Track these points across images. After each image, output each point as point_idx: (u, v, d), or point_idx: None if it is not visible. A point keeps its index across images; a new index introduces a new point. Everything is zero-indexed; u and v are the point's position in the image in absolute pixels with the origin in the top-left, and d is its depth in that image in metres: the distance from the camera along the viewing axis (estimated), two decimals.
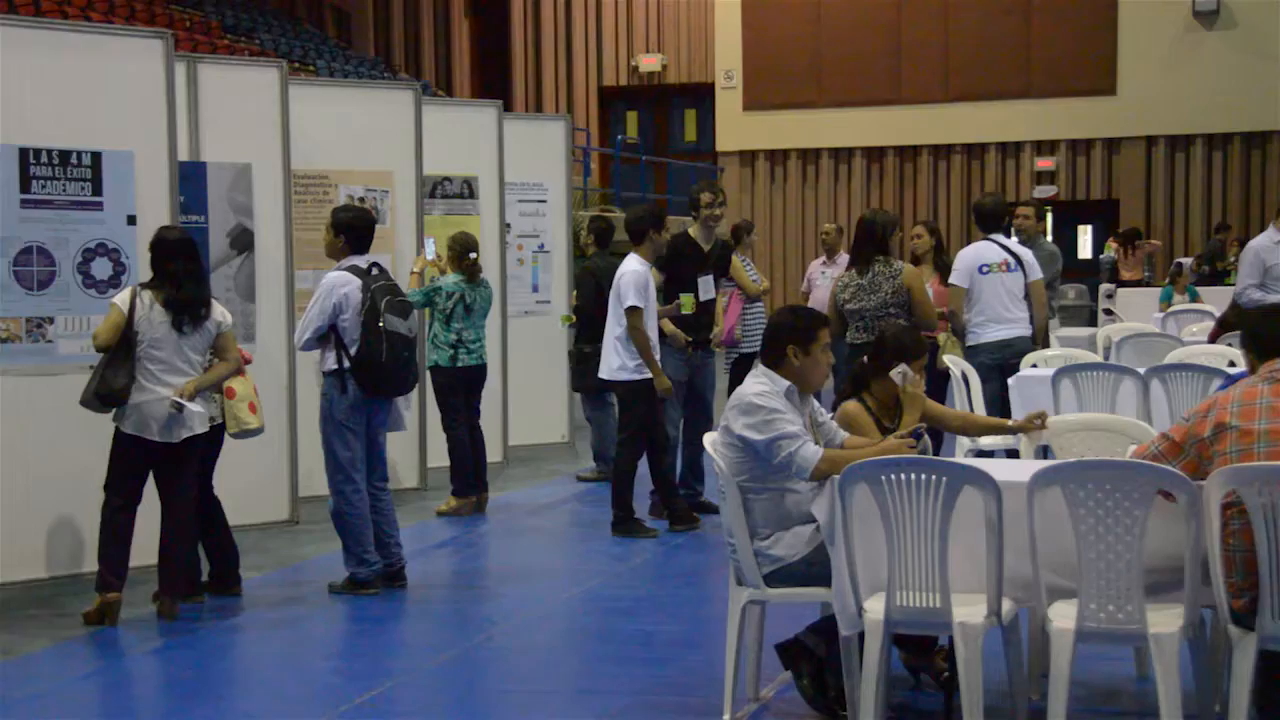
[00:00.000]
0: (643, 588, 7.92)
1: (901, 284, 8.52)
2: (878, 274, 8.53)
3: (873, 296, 8.50)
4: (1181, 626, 4.65)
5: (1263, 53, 23.51)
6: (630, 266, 8.92)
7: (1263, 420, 4.64)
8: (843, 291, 8.63)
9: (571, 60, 27.73)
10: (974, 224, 10.12)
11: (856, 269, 8.63)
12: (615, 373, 9.00)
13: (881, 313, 8.43)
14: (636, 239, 9.03)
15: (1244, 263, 10.19)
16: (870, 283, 8.53)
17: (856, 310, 8.53)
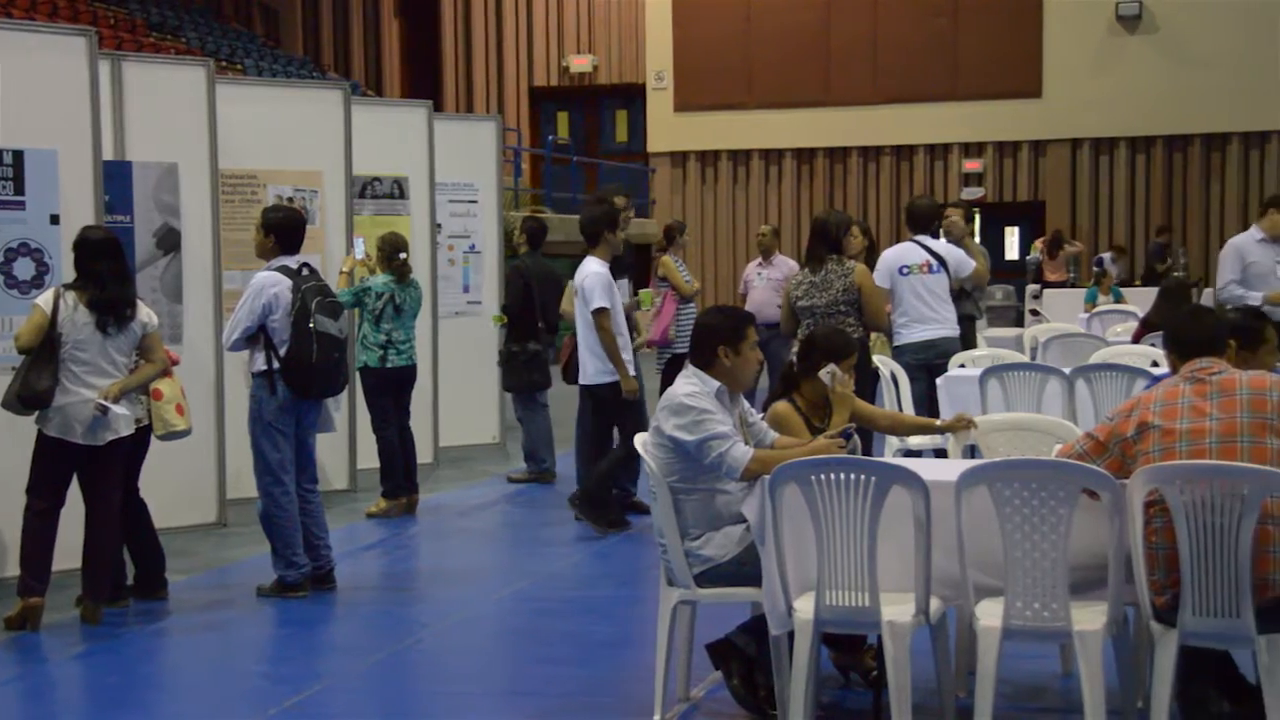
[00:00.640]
0: (573, 589, 7.92)
1: (853, 282, 8.64)
2: (830, 272, 8.65)
3: (824, 294, 8.61)
4: (1105, 624, 4.70)
5: (1183, 57, 23.86)
6: (592, 268, 8.90)
7: (1184, 420, 4.70)
8: (795, 289, 8.74)
9: (502, 60, 27.66)
10: (904, 225, 10.18)
11: (810, 267, 8.74)
12: (598, 376, 8.97)
13: (832, 310, 8.55)
14: (593, 240, 9.02)
15: (1224, 259, 10.13)
16: (822, 280, 8.65)
17: (808, 307, 8.62)
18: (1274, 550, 4.46)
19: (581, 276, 8.90)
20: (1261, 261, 9.90)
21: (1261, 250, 9.91)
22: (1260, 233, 10.01)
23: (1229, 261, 10.05)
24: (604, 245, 9.01)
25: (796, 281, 8.81)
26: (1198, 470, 4.51)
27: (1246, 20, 23.51)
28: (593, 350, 8.93)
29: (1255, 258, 9.91)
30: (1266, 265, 9.89)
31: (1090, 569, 4.78)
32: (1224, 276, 10.09)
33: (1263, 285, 9.83)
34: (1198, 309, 5.50)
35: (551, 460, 11.17)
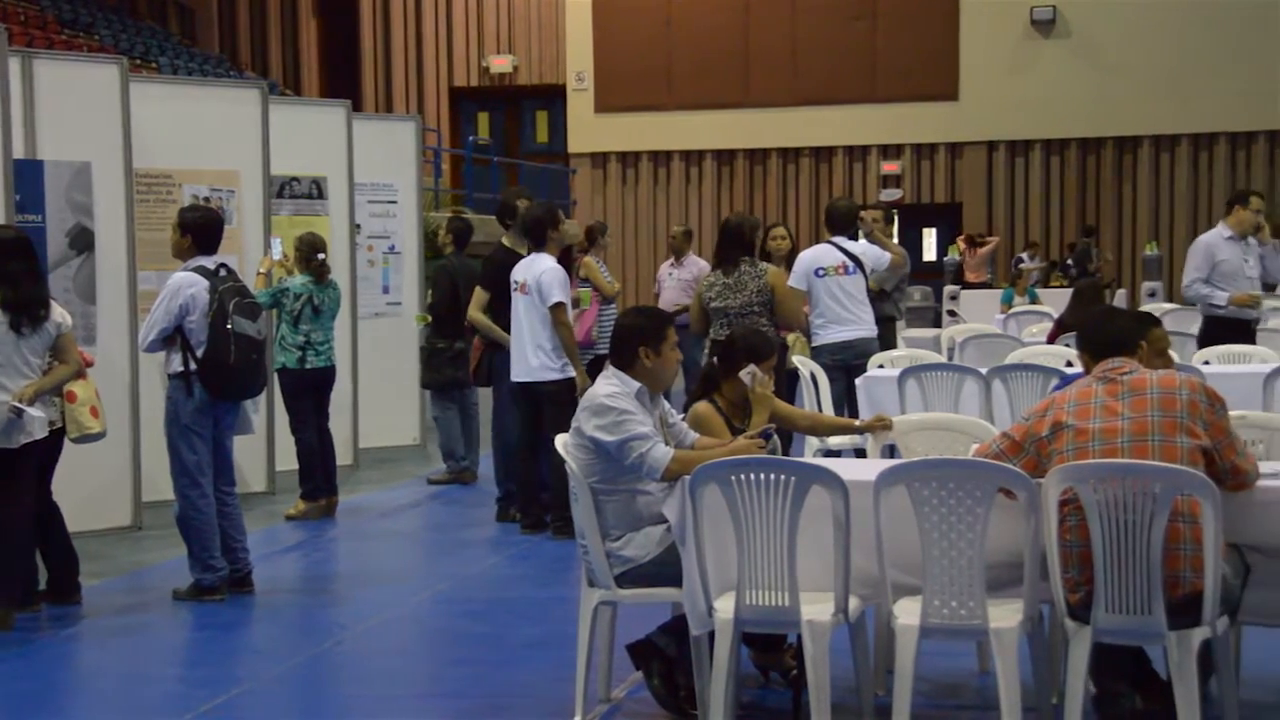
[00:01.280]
0: (494, 590, 7.90)
1: (766, 284, 8.74)
2: (743, 274, 8.73)
3: (738, 296, 8.68)
4: (1021, 621, 4.76)
5: (1096, 61, 24.20)
6: (547, 264, 8.85)
7: (1097, 419, 4.77)
8: (708, 290, 8.79)
9: (422, 60, 27.52)
10: (824, 226, 10.24)
11: (723, 269, 8.80)
12: (540, 373, 8.92)
13: (746, 311, 8.63)
14: (538, 240, 8.97)
15: (1193, 256, 10.07)
16: (736, 282, 8.72)
17: (721, 308, 8.68)
18: (1184, 547, 4.54)
19: (536, 273, 8.82)
20: (1231, 260, 9.93)
21: (1230, 248, 9.93)
22: (1228, 230, 9.98)
23: (1197, 259, 9.99)
24: (552, 243, 8.99)
25: (709, 283, 8.85)
26: (1110, 469, 4.58)
27: (1157, 26, 23.88)
28: (540, 346, 8.87)
29: (1225, 255, 9.93)
30: (1235, 263, 9.95)
31: (1006, 567, 4.84)
32: (1190, 274, 10.03)
33: (1231, 284, 9.89)
34: (1110, 310, 5.59)
35: (472, 459, 11.14)
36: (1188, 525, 4.54)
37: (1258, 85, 23.45)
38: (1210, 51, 23.61)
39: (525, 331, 8.90)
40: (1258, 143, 24.18)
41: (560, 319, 8.80)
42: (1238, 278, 9.94)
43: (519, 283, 8.93)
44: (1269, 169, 24.21)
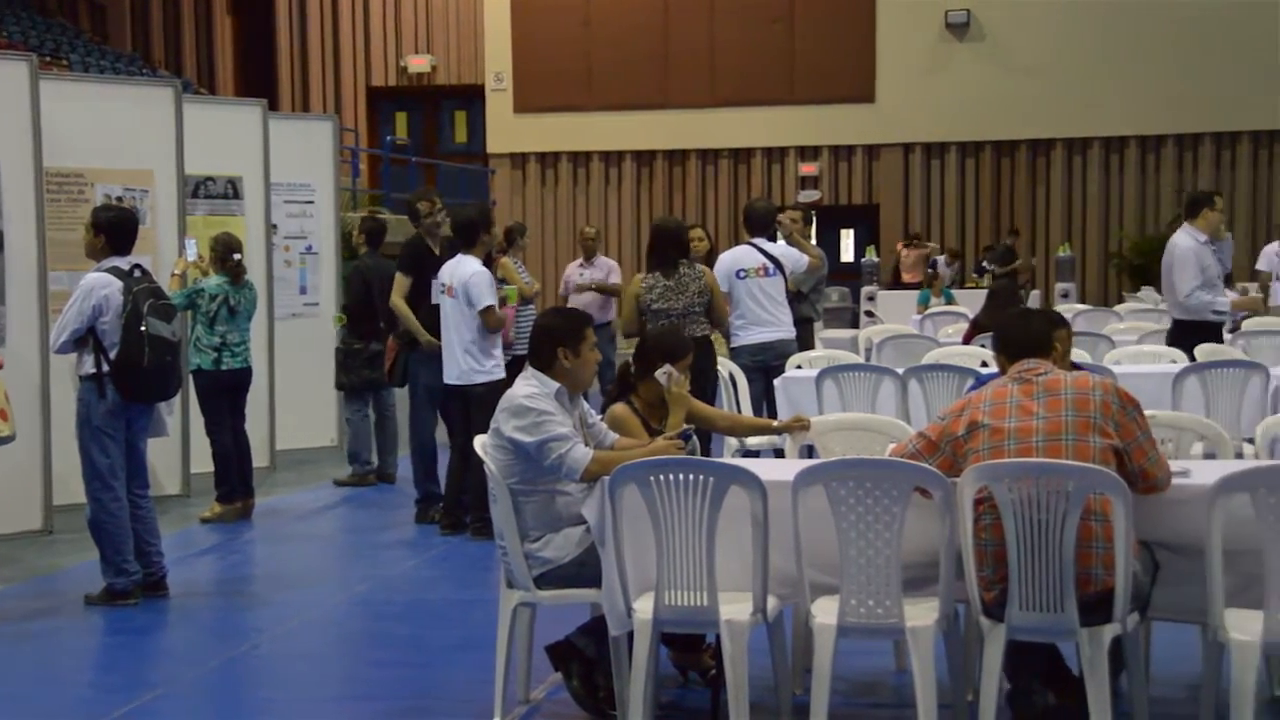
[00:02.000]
0: (413, 592, 7.86)
1: (705, 284, 8.87)
2: (684, 275, 8.81)
3: (680, 297, 8.76)
4: (936, 620, 4.81)
5: (1009, 65, 24.48)
6: (474, 267, 8.82)
7: (1012, 419, 4.83)
8: (649, 293, 8.81)
9: (339, 59, 27.32)
10: (742, 227, 10.29)
11: (662, 271, 8.83)
12: (470, 375, 8.87)
13: (687, 312, 8.72)
14: (469, 242, 8.93)
15: (1184, 266, 9.79)
16: (678, 284, 8.78)
17: (664, 310, 8.73)
18: (1095, 546, 4.60)
19: (464, 276, 8.79)
20: (1212, 265, 9.87)
21: (1207, 252, 9.85)
22: (1200, 234, 9.87)
23: (1191, 267, 9.78)
24: (481, 245, 8.98)
25: (649, 285, 8.85)
26: (1025, 468, 4.64)
27: (1069, 30, 24.19)
28: (468, 349, 8.84)
29: (1208, 261, 9.82)
30: (1215, 269, 9.91)
31: (923, 566, 4.89)
32: (1188, 283, 9.79)
33: (1214, 288, 9.84)
34: (1025, 311, 5.66)
35: (385, 462, 11.08)
36: (1099, 523, 4.60)
37: (1166, 90, 23.81)
38: (1120, 57, 23.95)
39: (454, 334, 8.88)
40: (1166, 146, 24.56)
41: (491, 323, 8.81)
42: (1217, 283, 9.93)
43: (445, 285, 8.90)
44: (1177, 172, 24.60)
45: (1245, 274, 19.04)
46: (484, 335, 8.85)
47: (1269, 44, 23.39)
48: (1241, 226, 24.05)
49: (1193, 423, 6.44)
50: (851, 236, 26.11)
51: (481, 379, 8.83)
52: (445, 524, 9.15)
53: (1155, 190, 24.68)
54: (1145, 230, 24.29)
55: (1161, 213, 24.38)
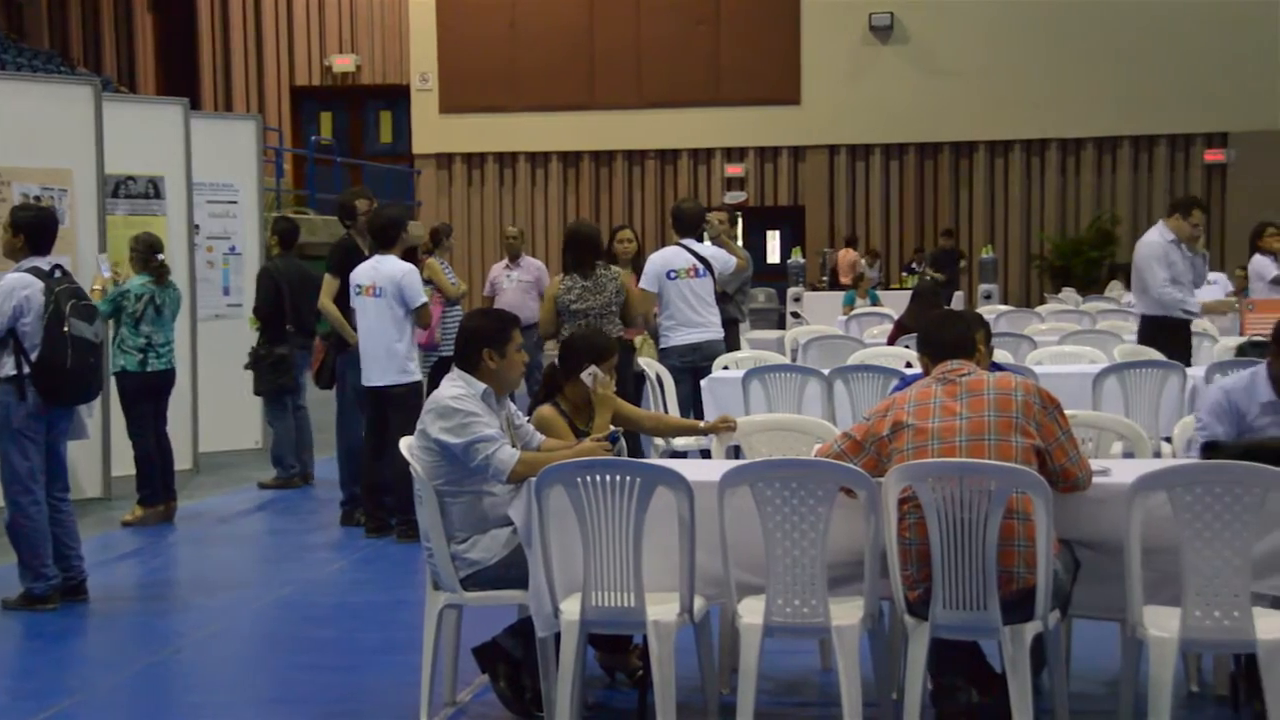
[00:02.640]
0: (338, 595, 7.82)
1: (621, 285, 8.98)
2: (601, 276, 8.91)
3: (598, 297, 8.84)
4: (861, 619, 4.84)
5: (932, 68, 24.69)
6: (403, 267, 8.84)
7: (936, 419, 4.87)
8: (567, 294, 8.85)
9: (262, 58, 27.07)
10: (670, 228, 10.32)
11: (580, 273, 8.90)
12: (394, 376, 8.82)
13: (604, 312, 8.81)
14: (389, 243, 8.89)
15: (1153, 261, 9.85)
16: (595, 284, 8.87)
17: (583, 310, 8.80)
18: (1018, 544, 4.66)
19: (394, 276, 8.75)
20: (1179, 264, 9.91)
21: (1176, 253, 9.90)
22: (1170, 233, 9.93)
23: (1160, 263, 9.85)
24: (400, 245, 8.96)
25: (568, 286, 8.89)
26: (948, 467, 4.68)
27: (991, 34, 24.43)
28: (387, 350, 8.79)
29: (1174, 258, 9.88)
30: (1182, 267, 9.94)
31: (848, 565, 4.92)
32: (1158, 276, 9.83)
33: (1183, 289, 9.87)
34: (949, 313, 5.71)
35: (303, 465, 11.01)
36: (1021, 522, 4.66)
37: (1086, 94, 24.11)
38: (1041, 61, 24.22)
39: (376, 335, 8.82)
40: (1086, 149, 24.87)
41: (425, 320, 8.94)
42: (1185, 284, 9.97)
43: (364, 286, 8.84)
44: (1096, 175, 24.92)
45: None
46: (408, 336, 8.82)
47: (1185, 50, 23.75)
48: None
49: (1112, 422, 6.53)
50: (777, 238, 26.23)
51: (400, 380, 8.80)
52: (370, 526, 9.10)
53: (1075, 193, 24.99)
54: (1066, 232, 24.59)
55: (1081, 215, 24.69)
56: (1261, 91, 23.50)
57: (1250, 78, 23.51)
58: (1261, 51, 23.46)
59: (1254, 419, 5.58)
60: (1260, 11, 23.55)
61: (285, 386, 10.66)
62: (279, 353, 10.55)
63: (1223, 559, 4.56)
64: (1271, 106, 23.49)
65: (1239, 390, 5.66)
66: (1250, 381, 5.66)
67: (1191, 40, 23.70)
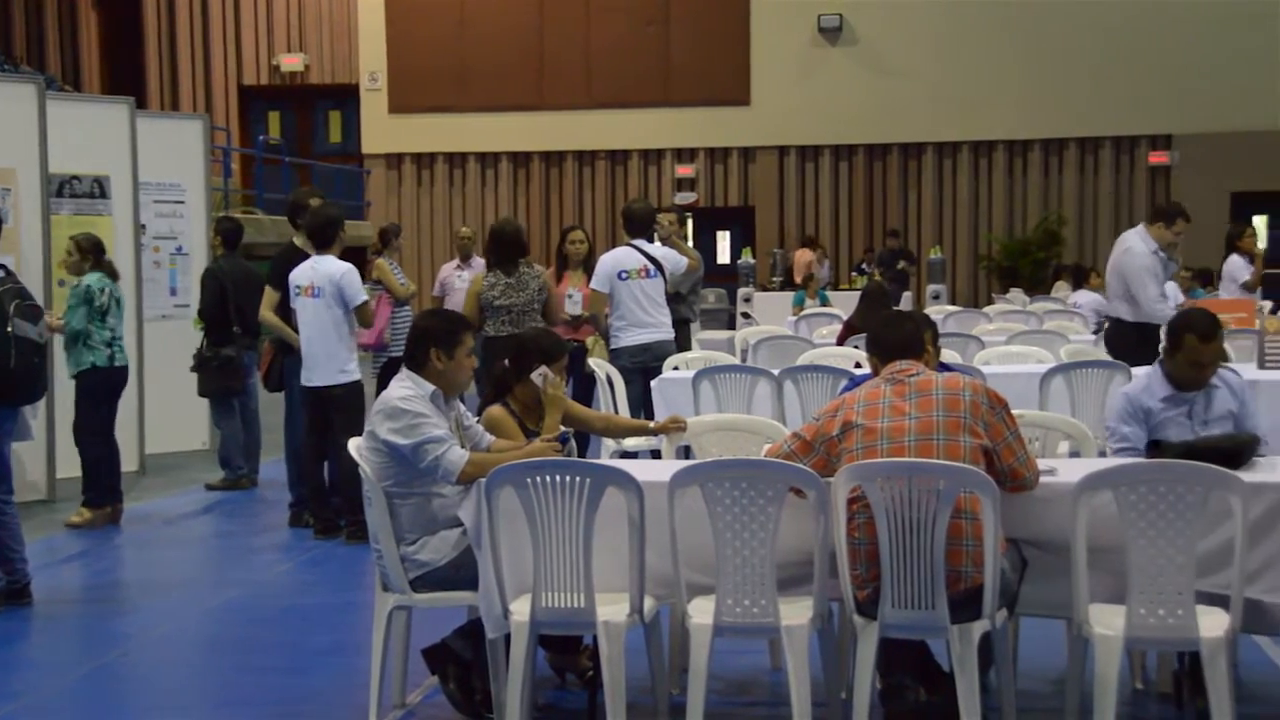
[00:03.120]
0: (287, 597, 7.77)
1: (544, 283, 9.30)
2: (524, 274, 9.21)
3: (521, 294, 9.16)
4: (811, 618, 4.86)
5: (881, 69, 24.81)
6: (342, 266, 8.78)
7: (885, 419, 4.90)
8: (490, 290, 9.14)
9: (209, 57, 26.87)
10: (620, 228, 10.33)
11: (503, 270, 9.17)
12: (330, 376, 8.78)
13: (527, 309, 9.13)
14: (327, 242, 8.85)
15: (1145, 273, 9.72)
16: (518, 282, 9.18)
17: (505, 306, 9.11)
18: (966, 543, 4.69)
19: (333, 275, 8.70)
20: (1163, 274, 9.89)
21: (1160, 264, 9.84)
22: (1153, 242, 9.85)
23: (1151, 277, 9.75)
24: (338, 244, 8.91)
25: (491, 282, 9.20)
26: (897, 467, 4.71)
27: (939, 36, 24.56)
28: (327, 351, 8.75)
29: (1159, 270, 9.83)
30: (1164, 278, 9.91)
31: (797, 565, 4.94)
32: (1150, 292, 9.74)
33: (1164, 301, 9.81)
34: (897, 314, 5.74)
35: (250, 466, 10.95)
36: (969, 522, 4.69)
37: (1033, 96, 24.28)
38: (989, 63, 24.37)
39: (315, 335, 8.77)
40: (1033, 151, 25.04)
41: (366, 319, 8.92)
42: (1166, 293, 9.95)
43: (303, 286, 8.80)
44: (1043, 176, 25.09)
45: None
46: (347, 336, 8.78)
47: (1131, 53, 23.95)
48: (1105, 229, 24.63)
49: (1059, 422, 6.59)
50: (728, 238, 26.28)
51: (340, 380, 8.78)
52: (318, 528, 9.06)
53: (1022, 194, 25.16)
54: (1013, 233, 24.75)
55: (1029, 216, 24.87)
56: (1205, 94, 23.73)
57: (1194, 81, 23.74)
58: (1205, 55, 23.68)
59: (1159, 414, 5.82)
60: (1204, 15, 23.78)
61: (232, 388, 10.60)
62: (225, 354, 10.48)
63: (1167, 557, 4.61)
64: (1215, 109, 23.72)
65: (1139, 392, 5.91)
66: (1147, 382, 5.92)
67: (1136, 43, 23.91)
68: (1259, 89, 23.49)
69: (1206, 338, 5.75)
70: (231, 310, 10.49)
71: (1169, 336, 5.84)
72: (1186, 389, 5.83)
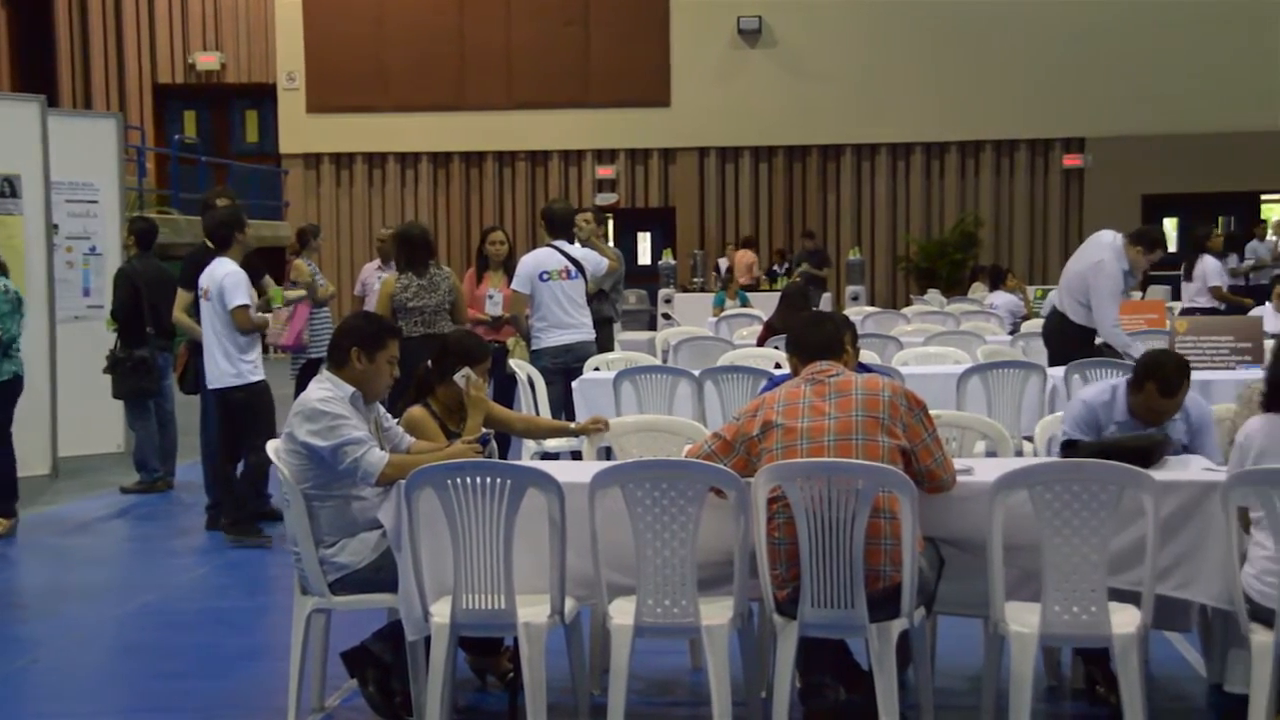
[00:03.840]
0: (204, 601, 7.69)
1: (453, 285, 9.33)
2: (435, 276, 9.25)
3: (433, 296, 9.18)
4: (731, 618, 4.88)
5: (800, 71, 24.95)
6: (228, 268, 8.69)
7: (805, 419, 4.93)
8: (404, 291, 9.16)
9: (123, 55, 26.52)
10: (541, 229, 10.33)
11: (415, 272, 9.21)
12: (227, 379, 8.70)
13: (439, 310, 9.20)
14: (224, 243, 8.78)
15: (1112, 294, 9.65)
16: (430, 283, 9.20)
17: (418, 307, 9.13)
18: (884, 543, 4.73)
19: (219, 276, 8.64)
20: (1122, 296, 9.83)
21: (1124, 285, 9.82)
22: (1126, 262, 9.76)
23: (1114, 299, 9.69)
24: (236, 246, 8.83)
25: (404, 284, 9.22)
26: (816, 467, 4.74)
27: (857, 38, 24.74)
28: (224, 353, 8.69)
29: (1120, 292, 9.78)
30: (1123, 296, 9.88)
31: (718, 566, 4.96)
32: (1113, 314, 9.67)
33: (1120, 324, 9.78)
34: (818, 315, 5.77)
35: (166, 469, 10.82)
36: (888, 521, 4.73)
37: (951, 98, 24.52)
38: (907, 65, 24.58)
39: (211, 338, 8.75)
40: (950, 153, 25.29)
41: (241, 323, 8.65)
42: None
43: (202, 289, 8.76)
44: (960, 178, 25.35)
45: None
46: (241, 339, 8.70)
47: (1045, 56, 24.25)
48: (1020, 231, 24.94)
49: (975, 422, 6.66)
50: (648, 239, 26.32)
51: (237, 383, 8.71)
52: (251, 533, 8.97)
53: (940, 195, 25.40)
54: (931, 234, 24.99)
55: (946, 217, 25.10)
56: (1117, 98, 24.08)
57: (1107, 84, 24.09)
58: (1117, 59, 24.03)
59: (1112, 434, 5.76)
60: (1117, 21, 24.12)
61: (147, 390, 10.47)
62: (139, 355, 10.36)
63: (1081, 555, 4.67)
64: (1127, 111, 24.08)
65: (1100, 404, 5.89)
66: (1111, 397, 5.88)
67: (1051, 47, 24.21)
68: (1170, 93, 23.86)
69: (1167, 393, 5.68)
70: (146, 311, 10.36)
71: (1136, 371, 5.79)
72: (1143, 420, 5.80)
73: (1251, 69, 23.70)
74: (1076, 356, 9.07)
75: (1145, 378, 5.72)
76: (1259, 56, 23.75)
